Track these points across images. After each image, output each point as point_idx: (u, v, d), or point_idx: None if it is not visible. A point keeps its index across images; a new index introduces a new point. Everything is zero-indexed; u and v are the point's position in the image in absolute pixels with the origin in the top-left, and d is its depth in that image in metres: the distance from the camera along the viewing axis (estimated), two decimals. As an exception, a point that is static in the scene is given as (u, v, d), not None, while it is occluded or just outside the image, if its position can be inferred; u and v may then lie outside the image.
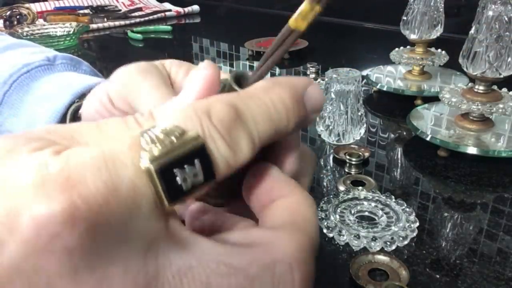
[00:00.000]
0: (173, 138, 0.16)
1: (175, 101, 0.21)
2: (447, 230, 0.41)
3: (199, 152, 0.16)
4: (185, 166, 0.16)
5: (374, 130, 0.62)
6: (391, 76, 0.75)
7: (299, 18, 0.19)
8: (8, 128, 0.37)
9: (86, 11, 1.42)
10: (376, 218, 0.42)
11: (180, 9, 1.48)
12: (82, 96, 0.36)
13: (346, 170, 0.51)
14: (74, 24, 1.18)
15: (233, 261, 0.17)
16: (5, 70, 0.38)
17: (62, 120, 0.35)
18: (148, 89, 0.28)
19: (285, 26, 0.20)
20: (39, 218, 0.14)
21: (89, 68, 0.44)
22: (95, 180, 0.14)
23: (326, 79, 0.55)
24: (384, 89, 0.71)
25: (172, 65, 0.31)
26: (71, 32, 1.14)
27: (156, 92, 0.27)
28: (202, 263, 0.16)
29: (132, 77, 0.29)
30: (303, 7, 0.19)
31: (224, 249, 0.17)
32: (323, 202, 0.43)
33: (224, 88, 0.21)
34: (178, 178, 0.16)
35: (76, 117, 0.35)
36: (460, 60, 0.54)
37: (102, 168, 0.15)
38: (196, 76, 0.21)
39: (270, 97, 0.19)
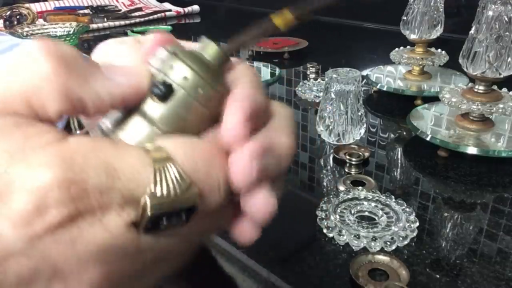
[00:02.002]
0: (178, 190, 0.17)
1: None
2: (447, 230, 0.41)
3: (190, 209, 0.18)
4: (173, 216, 0.18)
5: (374, 130, 0.62)
6: (391, 76, 0.75)
7: (282, 23, 0.22)
8: None
9: (86, 11, 1.42)
10: (376, 218, 0.42)
11: (180, 9, 1.48)
12: None
13: (346, 170, 0.51)
14: (74, 24, 1.18)
15: None
16: None
17: None
18: (127, 53, 0.24)
19: (270, 21, 0.22)
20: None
21: None
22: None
23: (326, 79, 0.55)
24: (384, 89, 0.71)
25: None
26: (71, 32, 1.14)
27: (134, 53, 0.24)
28: None
29: (112, 48, 0.26)
30: (287, 16, 0.22)
31: None
32: (323, 202, 0.43)
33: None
34: (161, 222, 0.18)
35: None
36: (460, 60, 0.54)
37: (103, 171, 0.17)
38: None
39: None
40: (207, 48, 0.22)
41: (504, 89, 0.55)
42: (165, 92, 0.19)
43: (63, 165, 0.16)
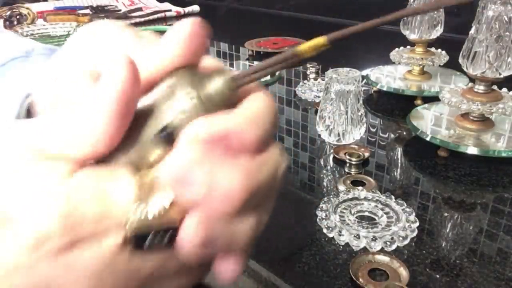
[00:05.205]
0: (160, 209, 0.19)
1: (152, 52, 0.21)
2: (447, 230, 0.41)
3: (174, 228, 0.19)
4: (158, 234, 0.19)
5: (374, 130, 0.62)
6: (391, 76, 0.75)
7: (311, 48, 0.20)
8: None
9: (86, 11, 1.41)
10: (376, 218, 0.42)
11: (180, 9, 1.48)
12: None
13: (346, 170, 0.51)
14: (74, 24, 1.18)
15: None
16: None
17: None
18: (128, 41, 0.23)
19: (294, 48, 0.20)
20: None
21: None
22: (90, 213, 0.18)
23: (326, 79, 0.55)
24: (384, 89, 0.71)
25: (147, 33, 0.26)
26: (71, 32, 1.14)
27: (136, 43, 0.23)
28: None
29: (110, 32, 0.24)
30: (319, 41, 0.20)
31: None
32: (323, 202, 0.43)
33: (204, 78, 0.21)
34: (147, 241, 0.19)
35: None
36: (460, 60, 0.54)
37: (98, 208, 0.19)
38: (181, 29, 0.20)
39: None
40: (216, 81, 0.21)
41: (504, 89, 0.55)
42: (169, 142, 0.20)
43: (64, 201, 0.18)
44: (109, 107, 0.19)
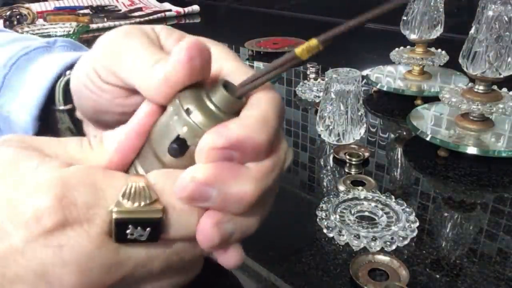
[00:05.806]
0: (142, 202, 0.20)
1: (157, 68, 0.23)
2: (447, 230, 0.41)
3: (153, 223, 0.21)
4: (138, 227, 0.20)
5: (374, 130, 0.62)
6: (391, 76, 0.75)
7: (305, 50, 0.21)
8: (8, 109, 0.37)
9: (86, 11, 1.41)
10: (376, 218, 0.42)
11: (180, 9, 1.48)
12: (72, 66, 0.34)
13: (346, 170, 0.51)
14: (74, 24, 1.18)
15: None
16: (6, 55, 0.38)
17: (52, 93, 0.34)
18: (133, 54, 0.25)
19: (291, 52, 0.21)
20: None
21: None
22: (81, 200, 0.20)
23: (326, 79, 0.55)
24: (384, 89, 0.71)
25: (162, 31, 0.28)
26: (71, 32, 1.14)
27: (142, 55, 0.25)
28: None
29: (116, 44, 0.26)
30: (311, 43, 0.21)
31: None
32: (323, 202, 0.43)
33: (213, 89, 0.22)
34: (127, 231, 0.20)
35: (68, 90, 0.33)
36: (460, 60, 0.54)
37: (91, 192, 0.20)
38: (182, 47, 0.22)
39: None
40: (218, 93, 0.22)
41: (504, 89, 0.55)
42: (180, 152, 0.22)
43: (59, 184, 0.20)
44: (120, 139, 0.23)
